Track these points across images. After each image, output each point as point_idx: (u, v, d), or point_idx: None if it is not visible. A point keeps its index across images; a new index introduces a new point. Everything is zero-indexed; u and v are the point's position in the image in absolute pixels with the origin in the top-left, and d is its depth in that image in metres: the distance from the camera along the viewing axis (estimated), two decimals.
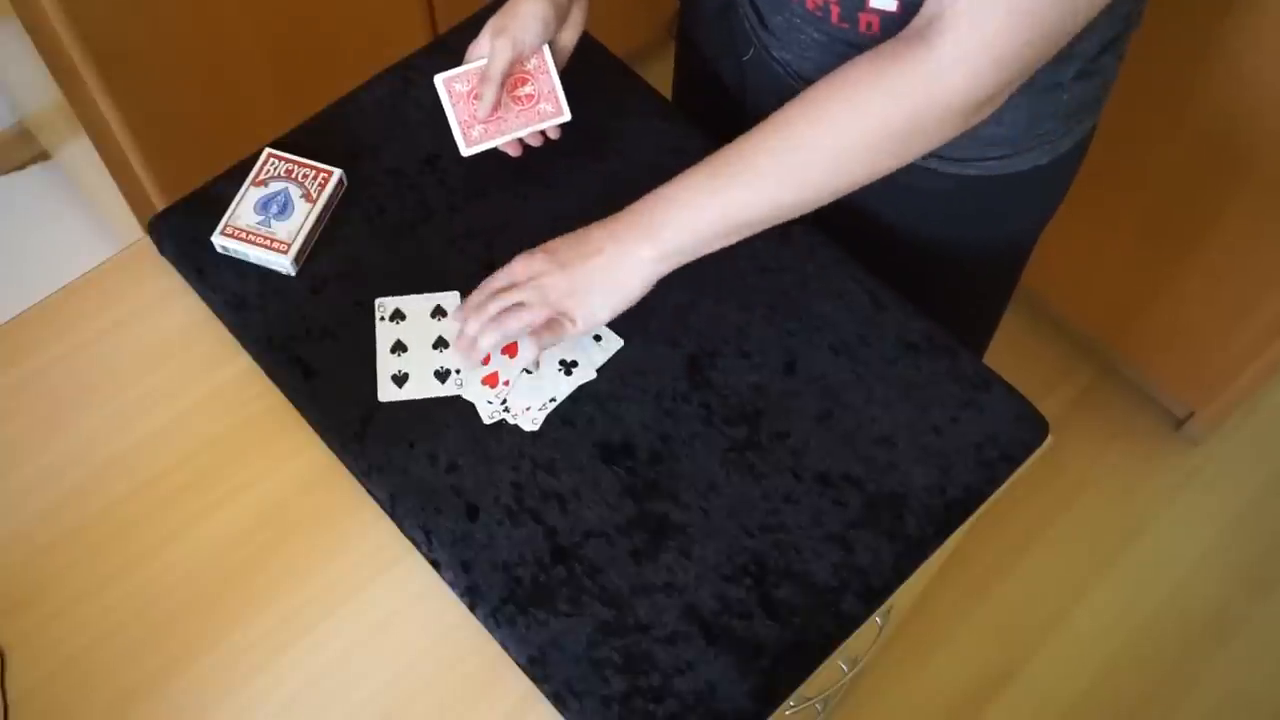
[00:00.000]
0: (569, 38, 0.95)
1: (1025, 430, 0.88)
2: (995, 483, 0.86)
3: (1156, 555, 1.81)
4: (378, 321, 0.91)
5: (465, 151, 0.94)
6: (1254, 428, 1.91)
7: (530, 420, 0.87)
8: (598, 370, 0.89)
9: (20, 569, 0.83)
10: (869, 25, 0.84)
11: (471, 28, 1.07)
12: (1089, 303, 1.83)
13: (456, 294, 0.92)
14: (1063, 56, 0.79)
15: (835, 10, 0.85)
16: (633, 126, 1.01)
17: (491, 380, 0.88)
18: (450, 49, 1.06)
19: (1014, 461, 0.87)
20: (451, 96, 0.94)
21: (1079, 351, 1.95)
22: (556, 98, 0.94)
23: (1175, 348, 1.76)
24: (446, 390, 0.88)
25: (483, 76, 0.92)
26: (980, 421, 0.88)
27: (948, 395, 0.89)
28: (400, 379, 0.88)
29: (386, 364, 0.89)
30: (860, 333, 0.91)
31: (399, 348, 0.90)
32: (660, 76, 1.15)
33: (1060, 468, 1.86)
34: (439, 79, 0.94)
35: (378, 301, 0.92)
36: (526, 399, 0.88)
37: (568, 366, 0.89)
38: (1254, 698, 1.71)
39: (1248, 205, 1.49)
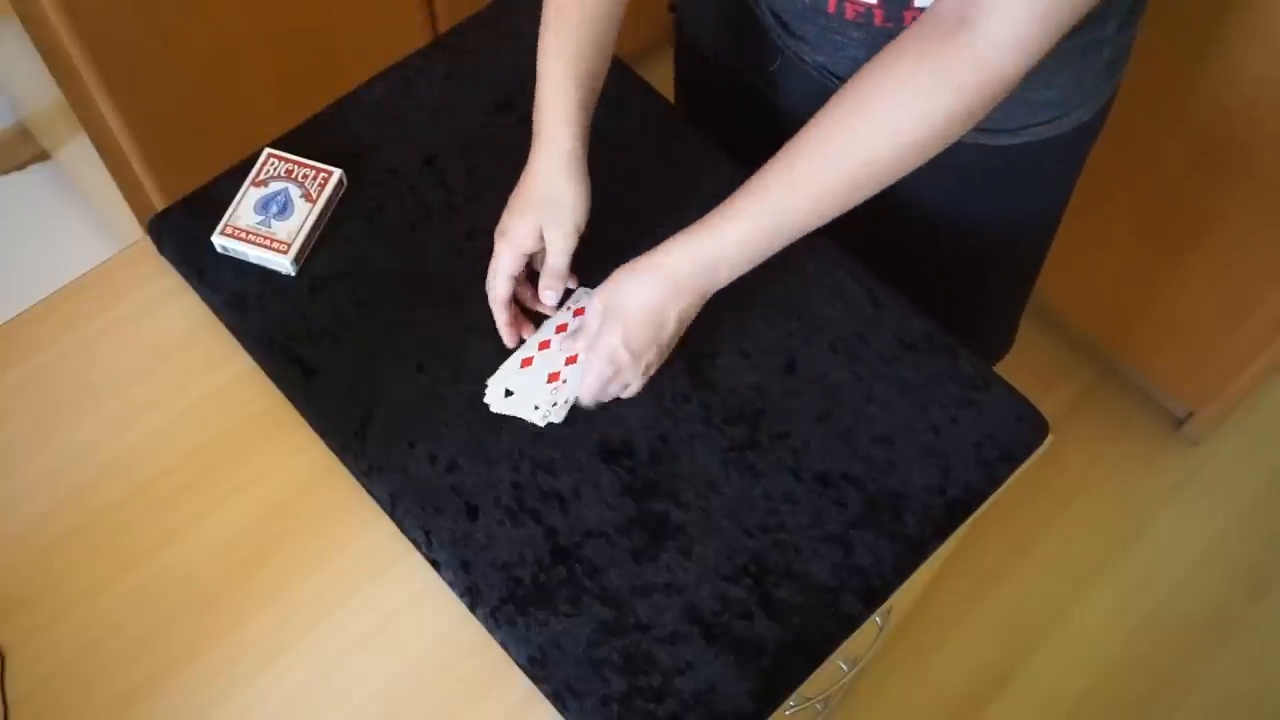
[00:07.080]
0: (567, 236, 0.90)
1: (1025, 430, 0.88)
2: (995, 483, 0.86)
3: (1156, 555, 1.81)
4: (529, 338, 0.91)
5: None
6: (1254, 428, 1.91)
7: (557, 414, 0.88)
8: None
9: (20, 569, 0.83)
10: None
11: (471, 28, 1.08)
12: (1089, 303, 1.83)
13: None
14: (1103, 12, 0.78)
15: (879, 14, 0.84)
16: (634, 127, 1.01)
17: (553, 377, 0.88)
18: (450, 49, 1.06)
19: (1014, 461, 0.87)
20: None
21: (1079, 351, 1.95)
22: None
23: (1175, 348, 1.76)
24: (531, 417, 0.88)
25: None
26: (980, 421, 0.88)
27: (947, 395, 0.89)
28: (510, 391, 0.88)
29: (506, 375, 0.89)
30: (860, 332, 0.91)
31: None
32: (661, 77, 1.14)
33: (1060, 468, 1.86)
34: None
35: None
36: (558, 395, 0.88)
37: None
38: (1254, 698, 1.71)
39: (1247, 205, 1.49)
